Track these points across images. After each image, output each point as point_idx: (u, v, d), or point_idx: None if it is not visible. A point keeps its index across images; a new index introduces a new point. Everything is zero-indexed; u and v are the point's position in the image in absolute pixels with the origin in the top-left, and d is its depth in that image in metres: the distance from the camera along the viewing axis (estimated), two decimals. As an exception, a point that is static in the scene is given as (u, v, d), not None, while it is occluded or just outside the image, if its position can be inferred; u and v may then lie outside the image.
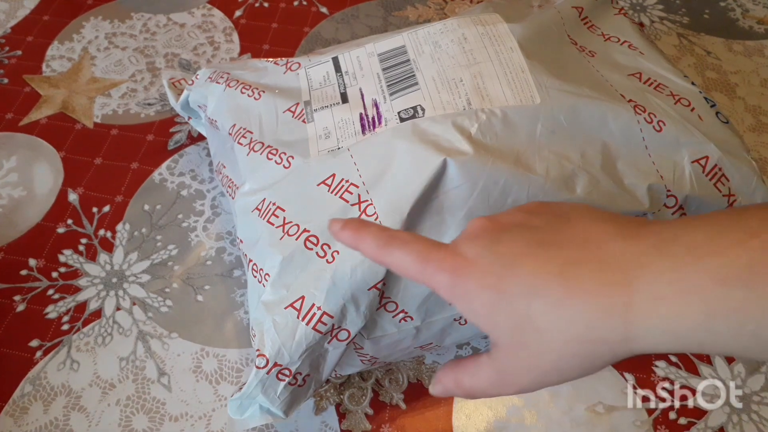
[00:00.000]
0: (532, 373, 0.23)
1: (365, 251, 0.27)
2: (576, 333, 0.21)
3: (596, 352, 0.22)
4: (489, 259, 0.23)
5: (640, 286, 0.20)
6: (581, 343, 0.21)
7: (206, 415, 0.39)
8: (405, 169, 0.34)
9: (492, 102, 0.36)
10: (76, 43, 0.61)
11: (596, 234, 0.23)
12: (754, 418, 0.39)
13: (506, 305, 0.22)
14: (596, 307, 0.21)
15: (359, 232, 0.26)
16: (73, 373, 0.41)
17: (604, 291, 0.21)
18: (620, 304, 0.21)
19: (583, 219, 0.24)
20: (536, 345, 0.22)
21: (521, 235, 0.24)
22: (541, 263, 0.22)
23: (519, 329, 0.22)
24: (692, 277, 0.20)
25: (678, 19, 0.64)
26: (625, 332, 0.21)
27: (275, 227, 0.35)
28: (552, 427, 0.39)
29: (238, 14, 0.64)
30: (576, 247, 0.22)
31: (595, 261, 0.22)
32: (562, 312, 0.21)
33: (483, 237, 0.24)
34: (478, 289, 0.23)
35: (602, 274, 0.21)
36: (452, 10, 0.65)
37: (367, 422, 0.39)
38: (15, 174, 0.51)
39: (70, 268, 0.46)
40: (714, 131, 0.37)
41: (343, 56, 0.41)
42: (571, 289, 0.21)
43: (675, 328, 0.20)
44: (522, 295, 0.22)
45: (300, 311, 0.33)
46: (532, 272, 0.22)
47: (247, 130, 0.39)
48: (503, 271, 0.23)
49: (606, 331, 0.21)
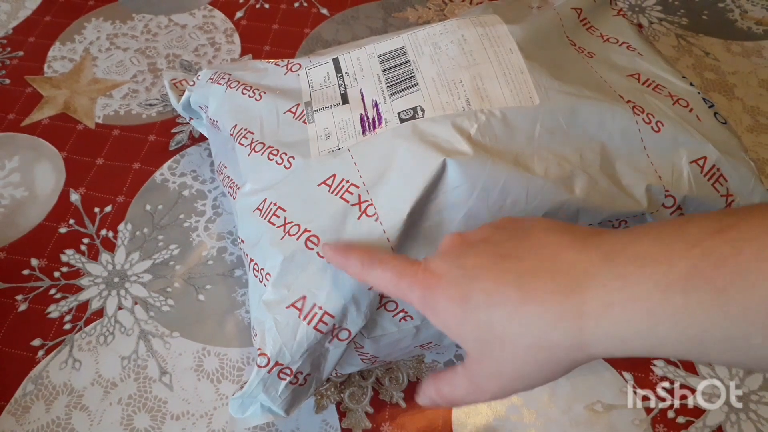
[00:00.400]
0: (500, 380, 0.24)
1: (351, 272, 0.30)
2: (533, 339, 0.23)
3: (554, 358, 0.23)
4: (455, 273, 0.25)
5: (590, 294, 0.22)
6: (539, 350, 0.23)
7: (207, 414, 0.39)
8: (405, 170, 0.34)
9: (491, 103, 0.36)
10: (77, 44, 0.62)
11: (551, 245, 0.24)
12: (752, 417, 0.39)
13: (470, 316, 0.24)
14: (550, 314, 0.22)
15: (346, 255, 0.30)
16: (75, 372, 0.41)
17: (556, 298, 0.22)
18: (572, 310, 0.22)
19: (540, 231, 0.25)
20: (499, 353, 0.24)
21: (485, 250, 0.25)
22: (500, 274, 0.24)
23: (483, 338, 0.24)
24: (637, 285, 0.21)
25: (676, 20, 0.64)
26: (580, 338, 0.22)
27: (276, 227, 0.35)
28: (551, 426, 0.39)
29: (239, 15, 0.64)
30: (532, 258, 0.24)
31: (549, 270, 0.23)
32: (519, 319, 0.23)
33: (451, 252, 0.26)
34: (446, 302, 0.25)
35: (555, 283, 0.22)
36: (452, 11, 0.65)
37: (367, 421, 0.39)
38: (17, 174, 0.51)
39: (72, 267, 0.46)
40: (712, 132, 0.37)
41: (344, 57, 0.41)
42: (526, 298, 0.23)
43: (624, 333, 0.21)
44: (483, 306, 0.24)
45: (301, 311, 0.33)
46: (491, 283, 0.24)
47: (248, 131, 0.40)
48: (467, 283, 0.24)
49: (560, 336, 0.22)
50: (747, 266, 0.19)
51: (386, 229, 0.33)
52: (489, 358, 0.24)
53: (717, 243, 0.20)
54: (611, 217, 0.34)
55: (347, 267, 0.30)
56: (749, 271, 0.19)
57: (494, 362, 0.24)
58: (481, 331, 0.24)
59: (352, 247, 0.30)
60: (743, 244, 0.20)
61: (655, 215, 0.35)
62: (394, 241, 0.32)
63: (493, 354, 0.24)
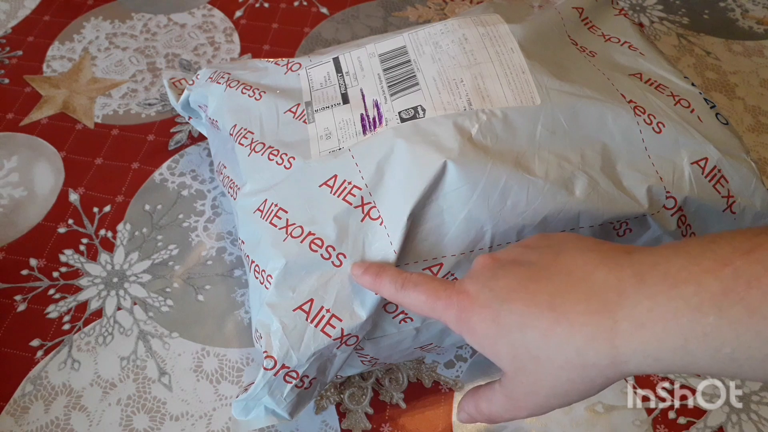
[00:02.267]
0: (536, 397, 0.25)
1: (384, 293, 0.31)
2: (567, 359, 0.23)
3: (589, 376, 0.23)
4: (487, 294, 0.26)
5: (622, 314, 0.22)
6: (573, 369, 0.23)
7: (207, 415, 0.39)
8: (405, 170, 0.34)
9: (492, 103, 0.36)
10: (76, 44, 0.61)
11: (581, 265, 0.24)
12: (753, 418, 0.39)
13: (504, 336, 0.25)
14: (583, 334, 0.22)
15: (379, 277, 0.30)
16: (74, 372, 0.41)
17: (589, 319, 0.22)
18: (605, 330, 0.22)
19: (570, 251, 0.25)
20: (535, 372, 0.24)
21: (515, 271, 0.26)
22: (531, 296, 0.24)
23: (518, 358, 0.24)
24: (669, 304, 0.21)
25: (678, 20, 0.64)
26: (613, 356, 0.22)
27: (278, 229, 0.35)
28: (551, 427, 0.39)
29: (238, 14, 0.64)
30: (563, 278, 0.24)
31: (581, 291, 0.23)
32: (553, 340, 0.23)
33: (483, 274, 0.27)
34: (480, 323, 0.25)
35: (587, 304, 0.23)
36: (452, 10, 0.65)
37: (367, 421, 0.39)
38: (16, 174, 0.51)
39: (71, 267, 0.46)
40: (713, 132, 0.37)
41: (344, 57, 0.41)
42: (559, 319, 0.23)
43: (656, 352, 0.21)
44: (517, 327, 0.24)
45: (309, 314, 0.33)
46: (523, 305, 0.24)
47: (248, 131, 0.39)
48: (499, 305, 0.25)
49: (594, 356, 0.22)
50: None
51: (390, 232, 0.33)
52: (525, 377, 0.25)
53: (748, 262, 0.20)
54: (612, 218, 0.34)
55: (380, 289, 0.31)
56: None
57: (530, 380, 0.25)
58: (516, 351, 0.24)
59: (383, 267, 0.31)
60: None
61: (655, 216, 0.35)
62: (397, 243, 0.32)
63: (529, 373, 0.24)
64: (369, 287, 0.32)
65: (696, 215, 0.36)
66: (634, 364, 0.22)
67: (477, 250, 0.33)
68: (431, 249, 0.33)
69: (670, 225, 0.35)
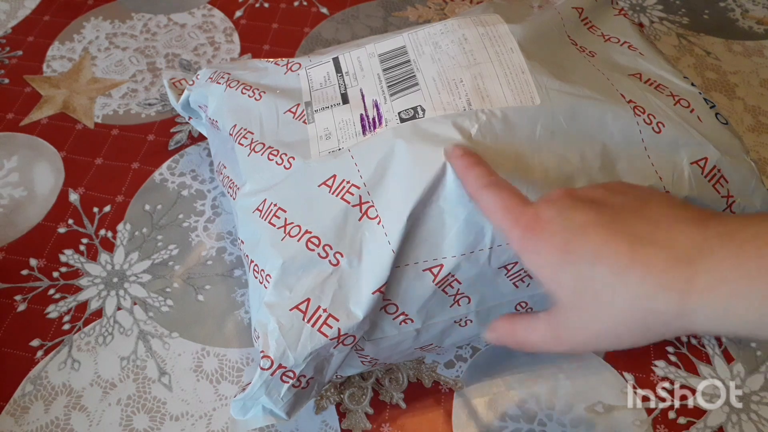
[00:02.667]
0: (587, 333, 0.25)
1: (467, 185, 0.31)
2: (634, 301, 0.23)
3: (651, 322, 0.23)
4: (561, 223, 0.25)
5: (703, 268, 0.22)
6: (636, 312, 0.23)
7: (207, 415, 0.39)
8: (405, 171, 0.34)
9: (492, 103, 0.36)
10: (76, 44, 0.61)
11: (668, 217, 0.24)
12: (753, 418, 0.39)
13: (571, 266, 0.24)
14: (657, 280, 0.22)
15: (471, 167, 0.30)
16: (74, 372, 0.41)
17: (667, 267, 0.22)
18: (681, 280, 0.22)
19: (657, 203, 0.25)
20: (595, 307, 0.24)
21: (598, 208, 0.25)
22: (612, 234, 0.24)
23: (581, 290, 0.24)
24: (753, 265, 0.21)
25: (677, 20, 0.64)
26: (682, 307, 0.22)
27: (276, 228, 0.35)
28: (552, 427, 0.39)
29: (238, 14, 0.64)
30: (647, 226, 0.24)
31: (663, 240, 0.23)
32: (625, 279, 0.23)
33: (561, 202, 0.26)
34: (547, 248, 0.25)
35: (668, 252, 0.23)
36: (452, 10, 0.65)
37: (367, 421, 0.39)
38: (16, 174, 0.51)
39: (71, 267, 0.46)
40: (713, 132, 0.37)
41: (344, 57, 0.41)
42: (636, 261, 0.23)
43: (731, 311, 0.21)
44: (588, 259, 0.24)
45: (305, 313, 0.33)
46: (601, 241, 0.24)
47: (248, 131, 0.39)
48: (572, 236, 0.24)
49: (663, 303, 0.22)
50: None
51: (387, 231, 0.33)
52: (580, 310, 0.24)
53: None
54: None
55: (465, 178, 0.31)
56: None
57: (585, 316, 0.24)
58: (579, 284, 0.24)
59: (480, 160, 0.31)
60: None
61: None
62: (395, 242, 0.32)
63: (587, 308, 0.24)
64: (457, 171, 0.31)
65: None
66: (702, 319, 0.22)
67: (477, 251, 0.33)
68: (431, 250, 0.33)
69: (670, 225, 0.35)
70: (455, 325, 0.36)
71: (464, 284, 0.34)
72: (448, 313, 0.35)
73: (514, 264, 0.34)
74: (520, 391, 0.40)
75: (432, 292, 0.34)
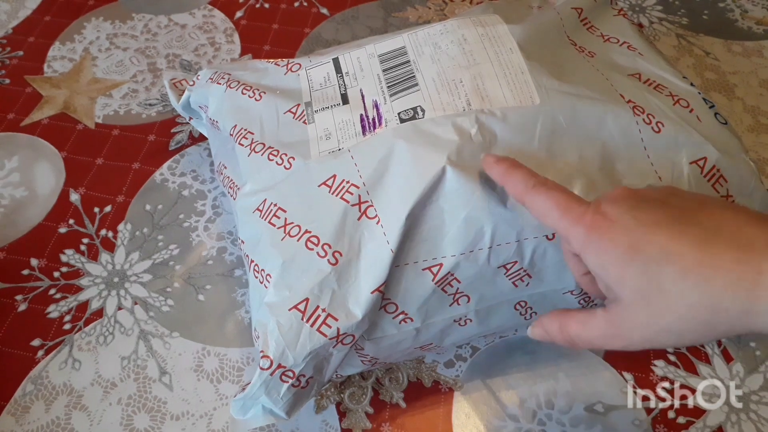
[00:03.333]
0: (648, 330, 0.25)
1: (512, 189, 0.30)
2: (701, 300, 0.23)
3: (715, 320, 0.23)
4: (629, 221, 0.25)
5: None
6: (703, 310, 0.23)
7: (207, 414, 0.39)
8: (405, 171, 0.34)
9: (492, 103, 0.36)
10: (77, 44, 0.62)
11: (731, 220, 0.24)
12: (753, 418, 0.39)
13: (638, 265, 0.24)
14: (724, 279, 0.22)
15: (511, 170, 0.30)
16: (75, 372, 0.41)
17: (734, 267, 0.22)
18: (748, 279, 0.22)
19: (717, 205, 0.25)
20: (659, 305, 0.24)
21: (661, 208, 0.25)
22: (678, 234, 0.24)
23: (645, 288, 0.24)
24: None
25: (677, 20, 0.64)
26: (748, 306, 0.22)
27: (276, 228, 0.35)
28: (551, 427, 0.39)
29: (238, 15, 0.64)
30: (712, 226, 0.24)
31: (730, 239, 0.23)
32: (692, 278, 0.23)
33: (625, 202, 0.26)
34: (613, 246, 0.25)
35: (732, 252, 0.23)
36: (452, 11, 0.65)
37: (367, 421, 0.39)
38: (17, 174, 0.51)
39: (71, 267, 0.46)
40: (712, 132, 0.37)
41: (344, 57, 0.41)
42: (704, 261, 0.23)
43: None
44: (655, 259, 0.24)
45: (304, 313, 0.33)
46: (668, 240, 0.24)
47: (248, 131, 0.40)
48: (641, 234, 0.24)
49: (730, 301, 0.22)
50: None
51: (386, 231, 0.33)
52: (644, 308, 0.24)
53: None
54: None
55: (509, 182, 0.30)
56: None
57: (649, 313, 0.24)
58: (646, 282, 0.24)
59: (517, 163, 0.30)
60: None
61: (655, 216, 0.35)
62: (394, 242, 0.32)
63: (651, 305, 0.24)
64: (497, 179, 0.31)
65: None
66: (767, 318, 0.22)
67: (476, 250, 0.33)
68: (431, 249, 0.33)
69: (669, 225, 0.35)
70: (455, 324, 0.36)
71: (464, 283, 0.34)
72: (448, 312, 0.35)
73: (514, 263, 0.34)
74: (519, 390, 0.40)
75: (431, 291, 0.34)
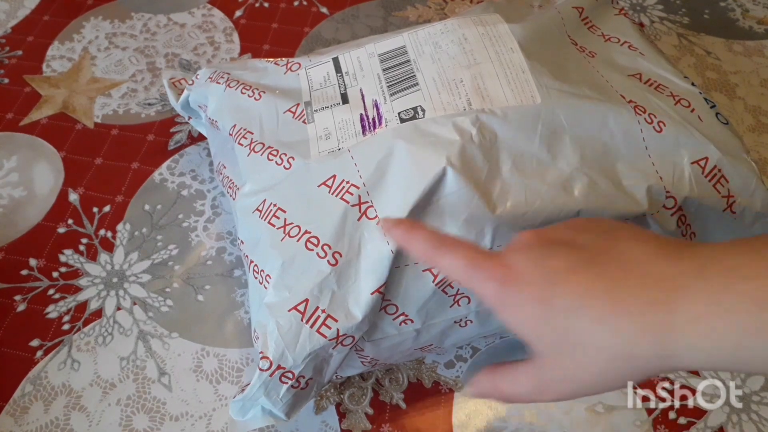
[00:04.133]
0: (572, 384, 0.24)
1: (415, 251, 0.28)
2: (616, 349, 0.22)
3: (634, 367, 0.23)
4: (537, 272, 0.24)
5: (680, 306, 0.21)
6: (619, 359, 0.23)
7: (206, 415, 0.39)
8: (405, 171, 0.34)
9: (492, 103, 0.36)
10: (76, 43, 0.61)
11: (639, 255, 0.24)
12: (754, 418, 0.39)
13: (552, 318, 0.23)
14: (637, 325, 0.22)
15: (411, 233, 0.28)
16: (74, 372, 0.41)
17: (645, 309, 0.22)
18: (660, 322, 0.22)
19: (627, 239, 0.25)
20: (578, 357, 0.23)
21: (568, 252, 0.24)
22: (587, 280, 0.23)
23: (563, 342, 0.23)
24: (729, 300, 0.21)
25: (678, 20, 0.64)
26: (663, 349, 0.22)
27: (276, 228, 0.35)
28: (552, 427, 0.39)
29: (238, 14, 0.64)
30: (620, 267, 0.23)
31: (638, 281, 0.23)
32: (604, 328, 0.22)
33: (531, 250, 0.25)
34: (525, 301, 0.24)
35: (644, 294, 0.22)
36: (452, 10, 0.65)
37: (367, 422, 0.39)
38: (15, 174, 0.51)
39: (70, 267, 0.46)
40: (714, 132, 0.37)
41: (344, 56, 0.41)
42: (615, 307, 0.22)
43: (711, 347, 0.21)
44: (568, 310, 0.23)
45: (304, 314, 0.33)
46: (578, 288, 0.23)
47: (248, 131, 0.39)
48: (550, 285, 0.24)
49: (645, 347, 0.22)
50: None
51: (386, 232, 0.33)
52: (564, 362, 0.24)
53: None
54: (612, 218, 0.34)
55: (412, 245, 0.28)
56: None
57: (570, 367, 0.24)
58: (562, 335, 0.23)
59: (417, 223, 0.29)
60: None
61: (655, 216, 0.35)
62: (394, 243, 0.32)
63: (570, 359, 0.24)
64: (400, 242, 0.30)
65: (696, 215, 0.36)
66: (684, 358, 0.22)
67: (477, 250, 0.33)
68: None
69: (670, 225, 0.35)
70: (455, 325, 0.36)
71: (464, 284, 0.34)
72: (448, 313, 0.35)
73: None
74: (520, 391, 0.40)
75: (432, 292, 0.34)
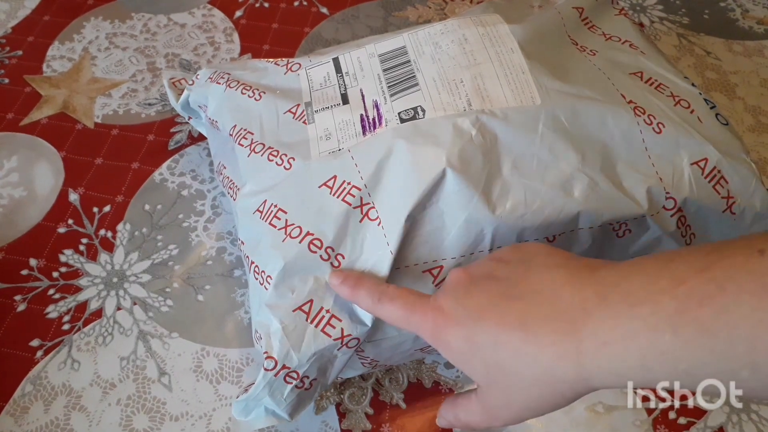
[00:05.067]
0: (510, 410, 0.26)
1: (362, 305, 0.31)
2: (537, 376, 0.24)
3: (558, 391, 0.25)
4: (461, 312, 0.27)
5: (587, 333, 0.23)
6: (543, 385, 0.25)
7: (207, 415, 0.39)
8: (405, 172, 0.34)
9: (492, 103, 0.36)
10: (76, 43, 0.61)
11: (549, 283, 0.26)
12: (754, 418, 0.39)
13: (478, 353, 0.26)
14: (551, 353, 0.24)
15: (356, 289, 0.31)
16: (74, 372, 0.41)
17: (556, 338, 0.24)
18: (571, 350, 0.23)
19: (539, 267, 0.27)
20: (507, 387, 0.26)
21: (488, 288, 0.27)
22: (502, 315, 0.25)
23: (491, 374, 0.26)
24: (628, 324, 0.22)
25: (678, 20, 0.64)
26: (579, 373, 0.23)
27: (277, 229, 0.35)
28: (552, 427, 0.39)
29: (238, 14, 0.64)
30: (532, 297, 0.25)
31: (548, 310, 0.25)
32: (523, 358, 0.25)
33: (457, 290, 0.28)
34: (454, 340, 0.27)
35: (554, 323, 0.24)
36: (452, 10, 0.65)
37: (367, 422, 0.39)
38: (16, 174, 0.51)
39: (70, 267, 0.46)
40: (713, 133, 0.37)
41: (344, 57, 0.41)
42: (528, 338, 0.24)
43: (619, 369, 0.23)
44: (489, 345, 0.25)
45: (309, 314, 0.33)
46: (495, 323, 0.25)
47: (248, 131, 0.39)
48: (472, 323, 0.26)
49: (562, 373, 0.24)
50: (729, 305, 0.20)
51: (387, 233, 0.33)
52: (498, 391, 0.26)
53: (701, 281, 0.21)
54: (611, 219, 0.34)
55: (357, 300, 0.31)
56: (731, 310, 0.20)
57: (503, 395, 0.26)
58: (489, 368, 0.26)
59: (361, 278, 0.32)
60: (726, 282, 0.21)
61: (655, 217, 0.35)
62: (394, 244, 0.32)
63: (502, 388, 0.26)
64: (347, 298, 0.32)
65: (696, 216, 0.36)
66: (598, 379, 0.23)
67: (477, 252, 0.33)
68: (431, 251, 0.33)
69: (670, 226, 0.35)
70: (455, 325, 0.36)
71: (464, 285, 0.34)
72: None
73: (514, 264, 0.34)
74: (520, 391, 0.40)
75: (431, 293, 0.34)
